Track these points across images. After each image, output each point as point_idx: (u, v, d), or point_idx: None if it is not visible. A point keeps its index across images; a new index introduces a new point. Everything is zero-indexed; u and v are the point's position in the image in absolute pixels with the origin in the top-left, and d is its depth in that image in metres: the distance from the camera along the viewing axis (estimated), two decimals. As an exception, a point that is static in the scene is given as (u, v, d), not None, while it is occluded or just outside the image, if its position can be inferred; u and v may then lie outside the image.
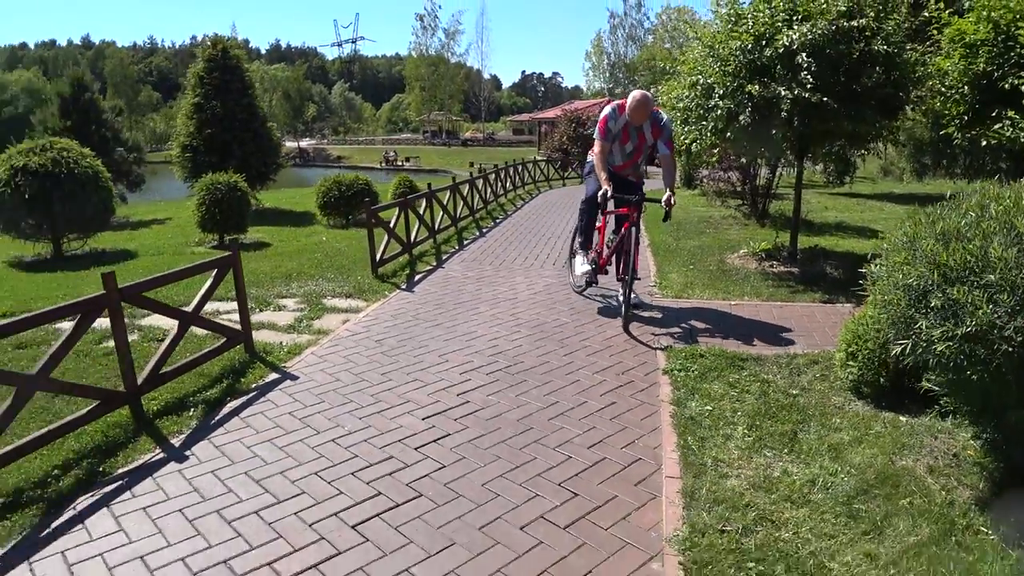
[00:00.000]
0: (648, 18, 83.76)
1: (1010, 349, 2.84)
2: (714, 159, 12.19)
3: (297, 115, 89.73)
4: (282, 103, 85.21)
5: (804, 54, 7.84)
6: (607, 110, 7.68)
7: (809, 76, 7.74)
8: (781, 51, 7.98)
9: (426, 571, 3.33)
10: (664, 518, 3.71)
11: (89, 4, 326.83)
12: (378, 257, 9.88)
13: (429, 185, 13.26)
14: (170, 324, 7.18)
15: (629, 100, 7.45)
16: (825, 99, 7.73)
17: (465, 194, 15.50)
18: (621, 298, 7.54)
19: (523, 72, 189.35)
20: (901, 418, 4.74)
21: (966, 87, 9.18)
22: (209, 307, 7.34)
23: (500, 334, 6.99)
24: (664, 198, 7.22)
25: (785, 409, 4.96)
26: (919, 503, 3.74)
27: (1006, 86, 8.51)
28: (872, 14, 8.19)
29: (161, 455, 4.63)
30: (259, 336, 6.85)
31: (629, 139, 7.66)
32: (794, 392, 5.26)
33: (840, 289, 8.16)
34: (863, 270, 3.86)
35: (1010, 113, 8.60)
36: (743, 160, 13.85)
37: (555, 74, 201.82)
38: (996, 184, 3.48)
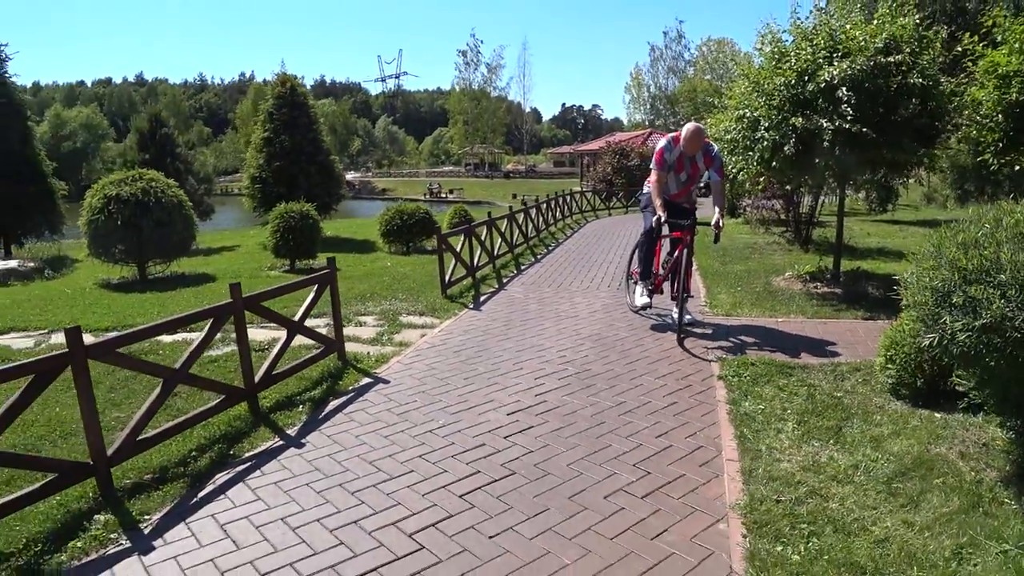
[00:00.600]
0: (688, 50, 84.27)
1: (1020, 336, 3.42)
2: (759, 188, 12.77)
3: (343, 148, 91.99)
4: (329, 137, 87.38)
5: (844, 88, 8.42)
6: (662, 143, 8.23)
7: (849, 108, 8.32)
8: (823, 86, 8.58)
9: (528, 529, 3.96)
10: (727, 491, 4.31)
11: (142, 43, 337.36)
12: (447, 279, 10.64)
13: (489, 214, 14.05)
14: (264, 336, 8.03)
15: (683, 132, 8.01)
16: (865, 130, 8.30)
17: (520, 222, 16.28)
18: (675, 315, 8.12)
19: (563, 104, 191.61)
20: (936, 414, 5.28)
21: (1000, 116, 9.69)
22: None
23: (566, 346, 7.64)
24: (713, 221, 7.75)
25: (830, 408, 5.52)
26: (951, 482, 4.28)
27: (1039, 114, 9.02)
28: (908, 50, 8.76)
29: (280, 442, 5.34)
30: (347, 347, 7.56)
31: (683, 169, 8.19)
32: (838, 394, 5.82)
33: (881, 307, 8.64)
34: (896, 276, 4.45)
35: (1042, 140, 9.10)
36: (787, 188, 14.39)
37: (595, 106, 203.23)
38: (1012, 203, 4.07)
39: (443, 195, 66.76)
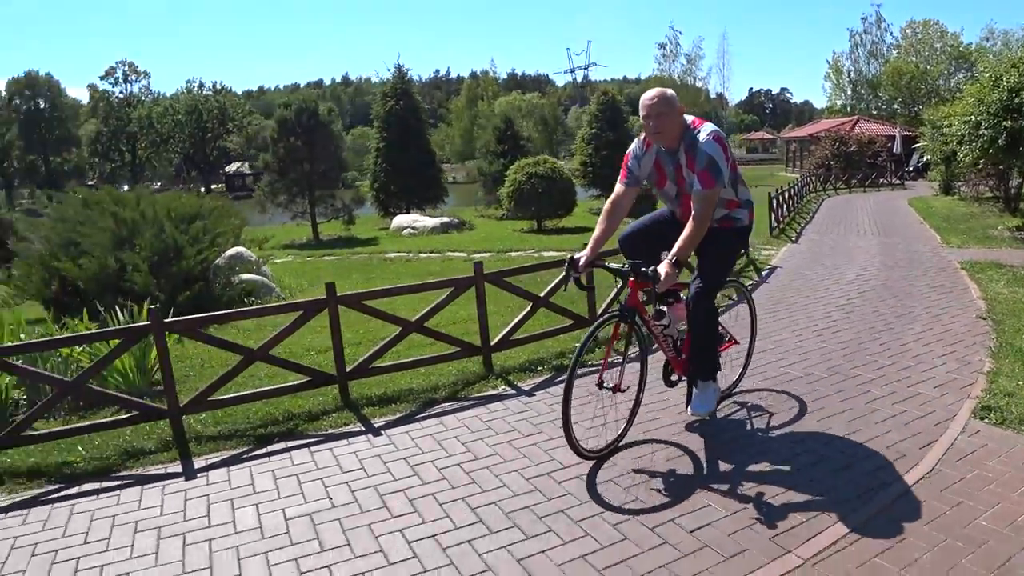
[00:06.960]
0: (889, 32, 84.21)
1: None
2: (976, 168, 18.16)
3: (551, 138, 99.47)
4: (539, 127, 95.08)
5: (1043, 100, 13.90)
6: (633, 144, 5.07)
7: (1045, 115, 13.80)
8: (1026, 98, 14.09)
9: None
10: (973, 296, 10.15)
11: (342, 45, 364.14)
12: (772, 227, 17.05)
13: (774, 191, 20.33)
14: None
15: (641, 106, 4.70)
16: (1056, 129, 13.76)
17: (787, 199, 22.39)
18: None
19: (750, 89, 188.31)
20: None
21: None
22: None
23: (861, 263, 13.50)
24: (652, 268, 4.48)
25: (1022, 278, 11.18)
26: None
27: None
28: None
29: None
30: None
31: (666, 177, 4.96)
32: (1029, 273, 11.46)
33: (1063, 242, 13.98)
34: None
35: None
36: (999, 169, 19.56)
37: (783, 90, 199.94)
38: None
39: (648, 181, 71.86)
